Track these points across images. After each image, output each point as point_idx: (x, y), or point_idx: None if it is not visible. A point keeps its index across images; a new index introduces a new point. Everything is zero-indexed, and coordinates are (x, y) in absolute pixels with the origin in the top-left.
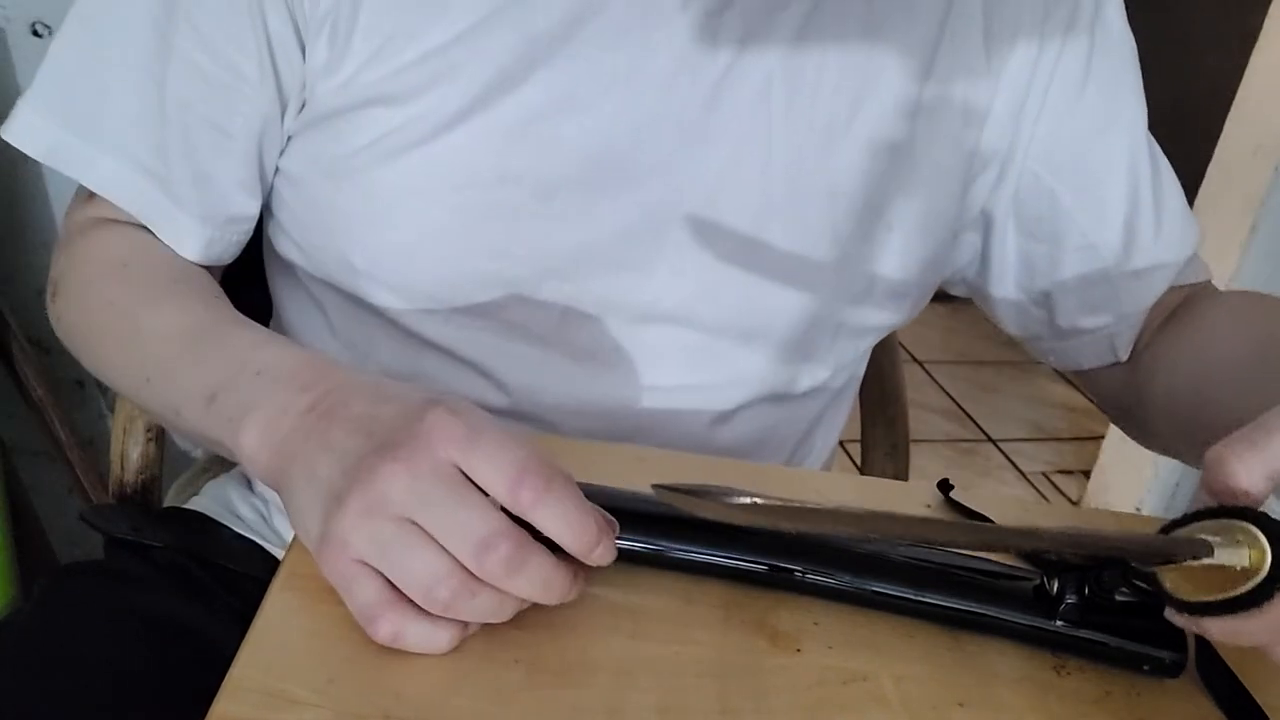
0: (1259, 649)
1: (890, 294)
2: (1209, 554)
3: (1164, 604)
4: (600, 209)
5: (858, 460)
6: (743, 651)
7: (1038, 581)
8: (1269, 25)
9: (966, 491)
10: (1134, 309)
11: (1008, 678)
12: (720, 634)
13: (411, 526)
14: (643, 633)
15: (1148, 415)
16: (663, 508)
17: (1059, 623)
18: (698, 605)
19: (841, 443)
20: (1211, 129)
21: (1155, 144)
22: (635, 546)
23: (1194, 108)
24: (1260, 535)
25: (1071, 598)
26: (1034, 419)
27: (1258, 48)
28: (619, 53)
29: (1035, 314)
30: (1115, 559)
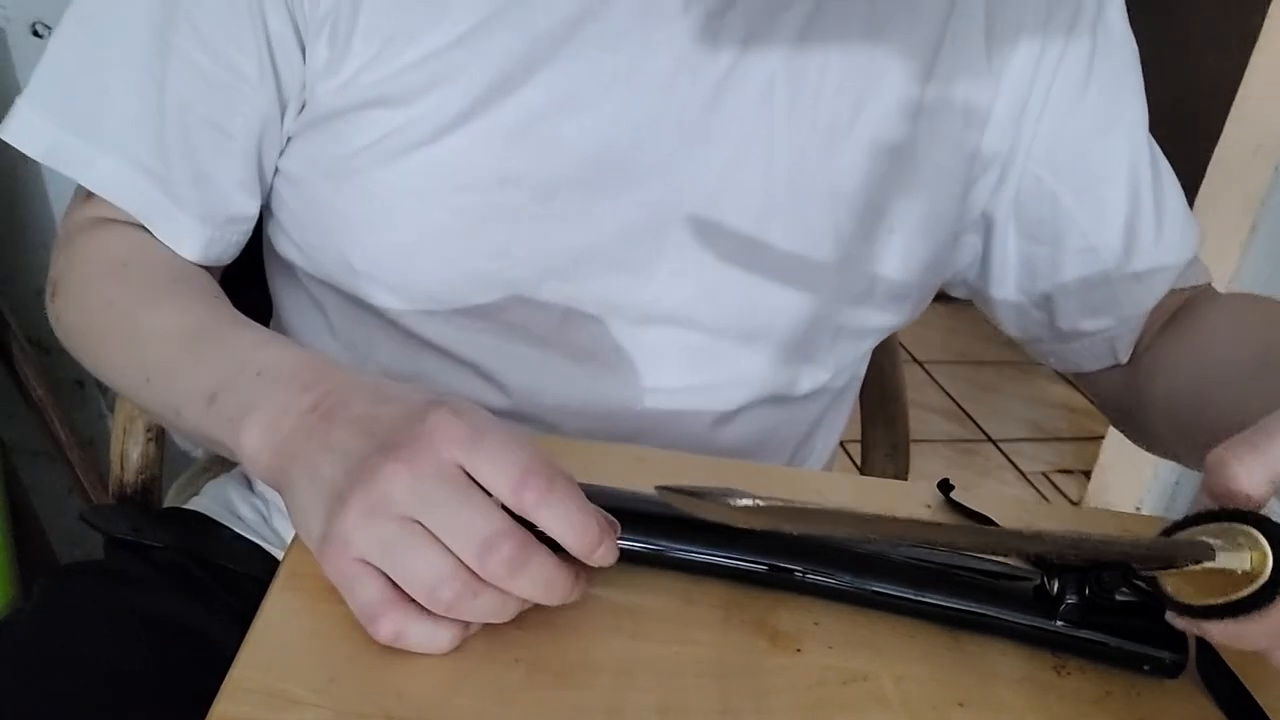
0: (1260, 653)
1: (891, 295)
2: (1210, 557)
3: (1164, 605)
4: (600, 210)
5: (858, 460)
6: (743, 651)
7: (1038, 582)
8: (1269, 25)
9: (966, 491)
10: (1134, 312)
11: (1008, 678)
12: (720, 634)
13: (414, 526)
14: (643, 633)
15: (1147, 418)
16: (663, 508)
17: (1059, 623)
18: (698, 605)
19: (842, 443)
20: (1211, 129)
21: (1156, 146)
22: (636, 546)
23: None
24: (1261, 539)
25: (1072, 598)
26: (1034, 419)
27: (1258, 48)
28: (619, 53)
29: (1036, 316)
30: (1117, 563)
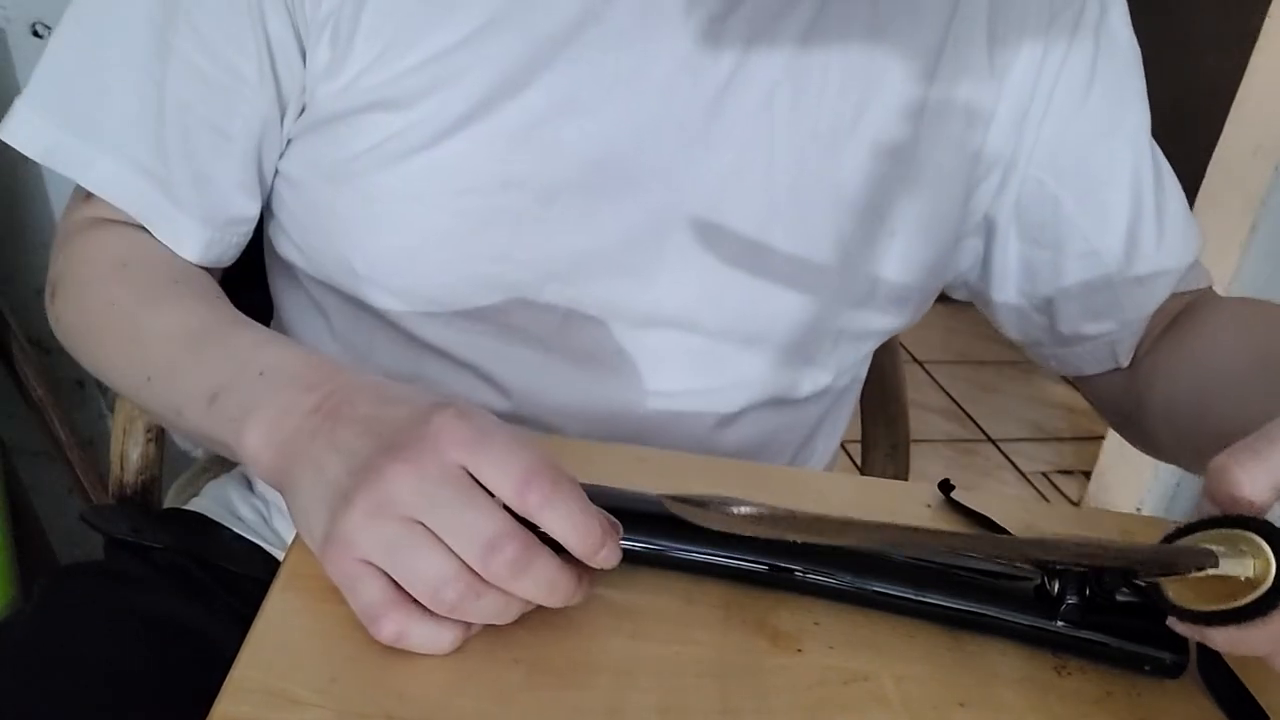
0: (1262, 659)
1: (892, 299)
2: (1214, 564)
3: (1166, 611)
4: (602, 213)
5: (858, 460)
6: (743, 651)
7: (1038, 582)
8: (1269, 25)
9: (967, 492)
10: (1136, 316)
11: (1009, 678)
12: (721, 634)
13: (418, 527)
14: (643, 633)
15: (1148, 422)
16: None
17: (1060, 623)
18: (698, 605)
19: (842, 443)
20: (1211, 129)
21: (1158, 150)
22: (636, 546)
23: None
24: (1265, 545)
25: (1072, 598)
26: (1034, 419)
27: (1258, 48)
28: (621, 56)
29: (1037, 320)
30: (1120, 569)
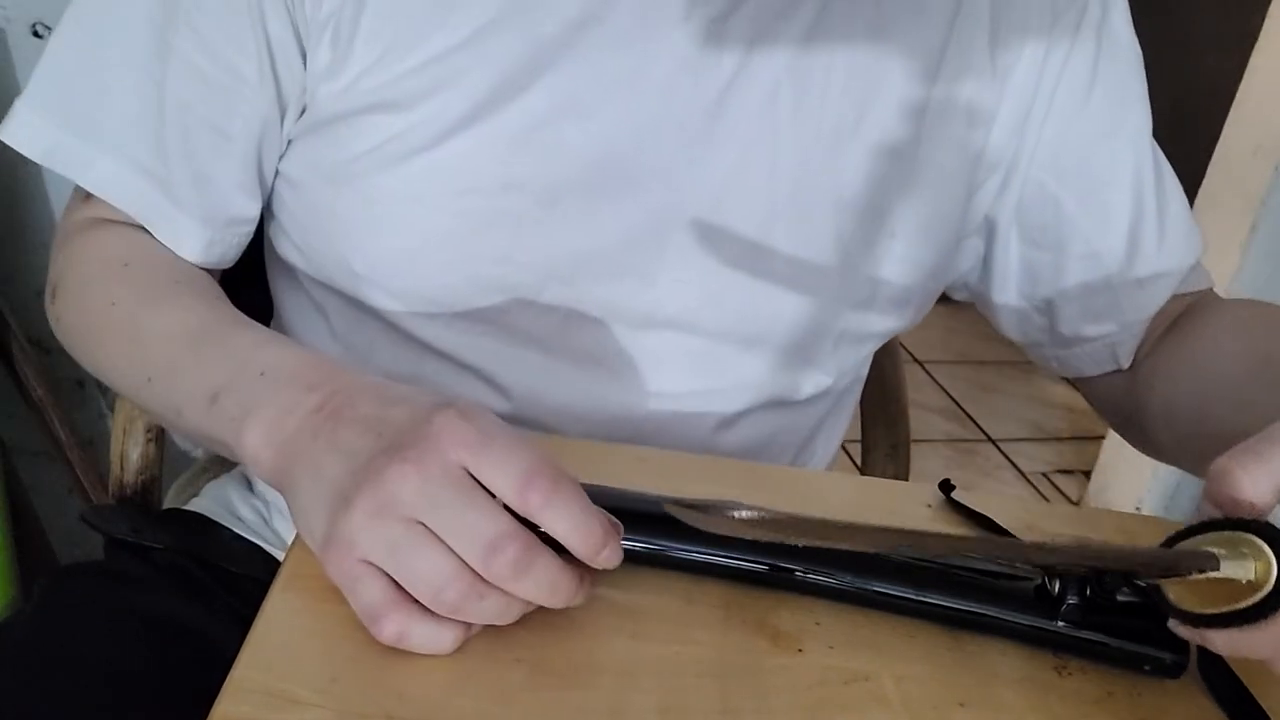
0: (1263, 661)
1: (893, 300)
2: (1215, 567)
3: (1168, 613)
4: (603, 214)
5: (858, 461)
6: (744, 652)
7: (1039, 582)
8: (1269, 25)
9: (967, 492)
10: (1136, 317)
11: (1009, 678)
12: (721, 634)
13: (420, 528)
14: (644, 633)
15: (1148, 424)
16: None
17: (1060, 623)
18: (699, 605)
19: (842, 443)
20: (1211, 129)
21: (1160, 151)
22: (636, 546)
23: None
24: (1266, 548)
25: (1073, 598)
26: (1034, 419)
27: (1258, 48)
28: (622, 57)
29: (1037, 321)
30: (1121, 572)
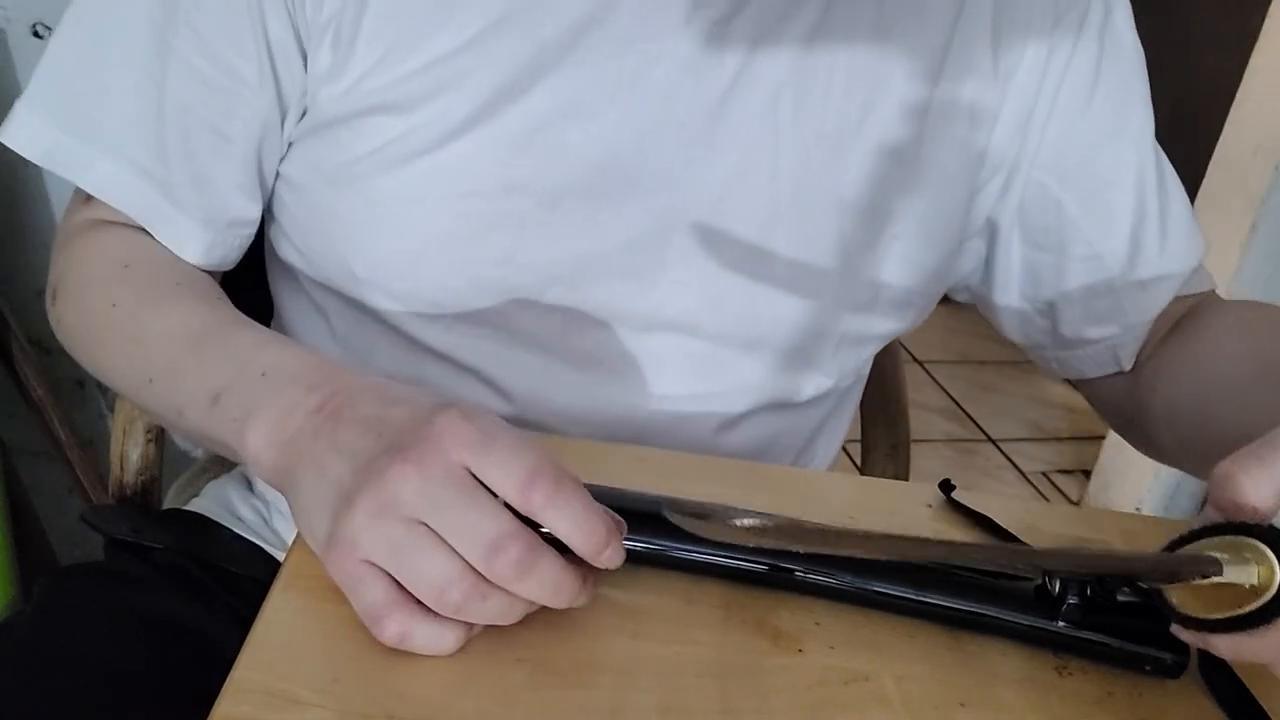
0: (1265, 665)
1: (894, 303)
2: (1218, 572)
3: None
4: (605, 217)
5: (858, 461)
6: (744, 652)
7: (1039, 582)
8: (1269, 25)
9: (967, 492)
10: (1138, 320)
11: (1009, 678)
12: (721, 634)
13: (422, 528)
14: (644, 633)
15: (1150, 426)
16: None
17: (1061, 623)
18: (699, 605)
19: (842, 444)
20: (1211, 129)
21: (1162, 153)
22: (637, 547)
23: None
24: (1269, 553)
25: (1073, 598)
26: (1034, 419)
27: (1258, 48)
28: (625, 60)
29: (1039, 323)
30: (1124, 577)
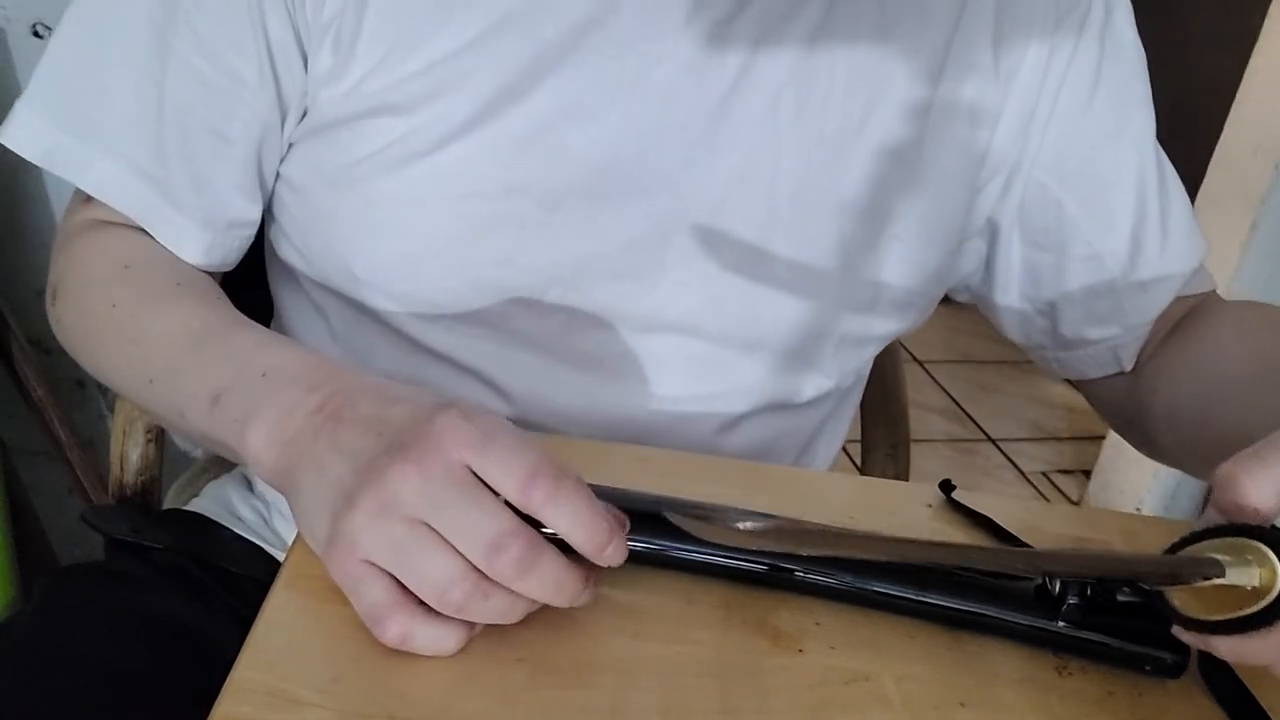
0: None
1: (895, 303)
2: (1220, 574)
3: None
4: (606, 218)
5: (858, 461)
6: (744, 652)
7: (1039, 582)
8: (1269, 25)
9: (967, 492)
10: (1139, 320)
11: (1009, 678)
12: (721, 634)
13: (423, 528)
14: (644, 633)
15: (1150, 427)
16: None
17: (1061, 623)
18: (699, 605)
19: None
20: (1211, 129)
21: (1163, 154)
22: (637, 546)
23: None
24: (1271, 554)
25: (1073, 598)
26: (1034, 419)
27: (1258, 48)
28: (626, 61)
29: (1039, 323)
30: (1126, 579)
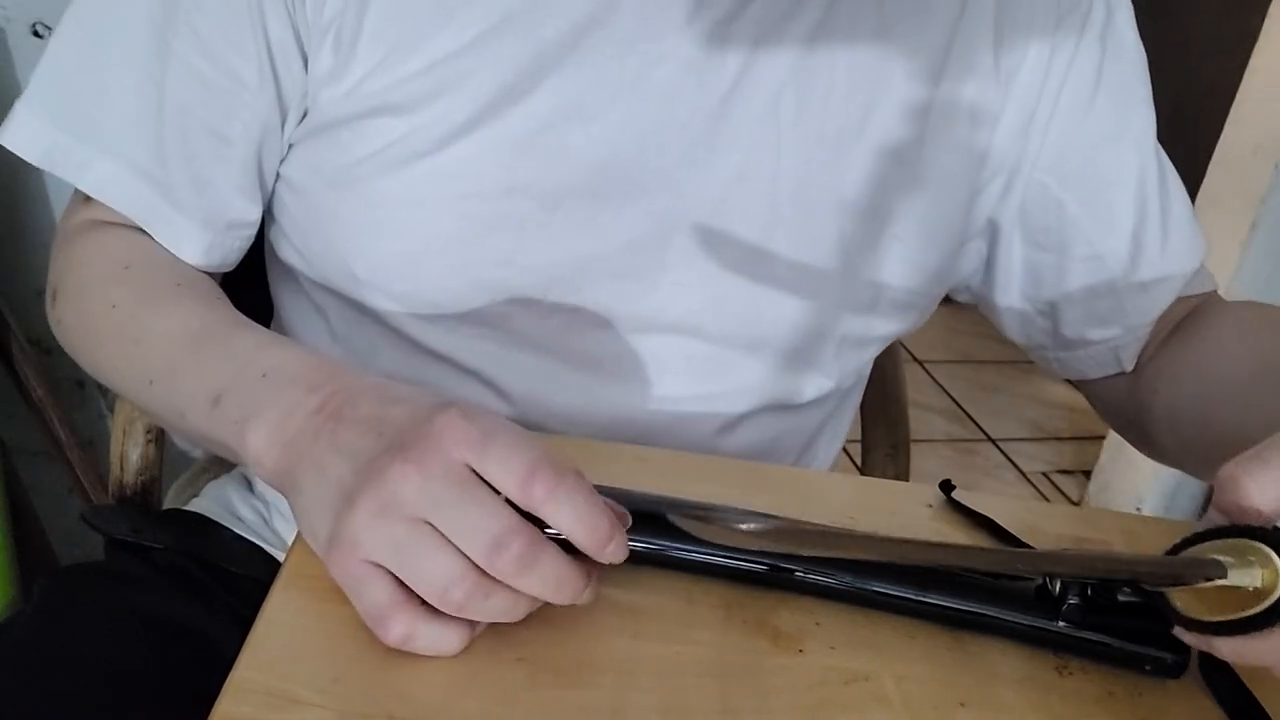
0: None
1: (896, 304)
2: (1222, 575)
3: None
4: (606, 218)
5: (858, 461)
6: (744, 652)
7: (1040, 582)
8: (1269, 26)
9: (967, 492)
10: (1140, 321)
11: (1009, 678)
12: (721, 634)
13: (425, 527)
14: (644, 633)
15: (1151, 427)
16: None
17: (1061, 623)
18: (699, 605)
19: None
20: (1211, 129)
21: (1164, 154)
22: (637, 546)
23: (1194, 108)
24: (1273, 555)
25: (1074, 598)
26: (1034, 419)
27: (1258, 48)
28: (626, 61)
29: (1040, 324)
30: (1127, 579)
